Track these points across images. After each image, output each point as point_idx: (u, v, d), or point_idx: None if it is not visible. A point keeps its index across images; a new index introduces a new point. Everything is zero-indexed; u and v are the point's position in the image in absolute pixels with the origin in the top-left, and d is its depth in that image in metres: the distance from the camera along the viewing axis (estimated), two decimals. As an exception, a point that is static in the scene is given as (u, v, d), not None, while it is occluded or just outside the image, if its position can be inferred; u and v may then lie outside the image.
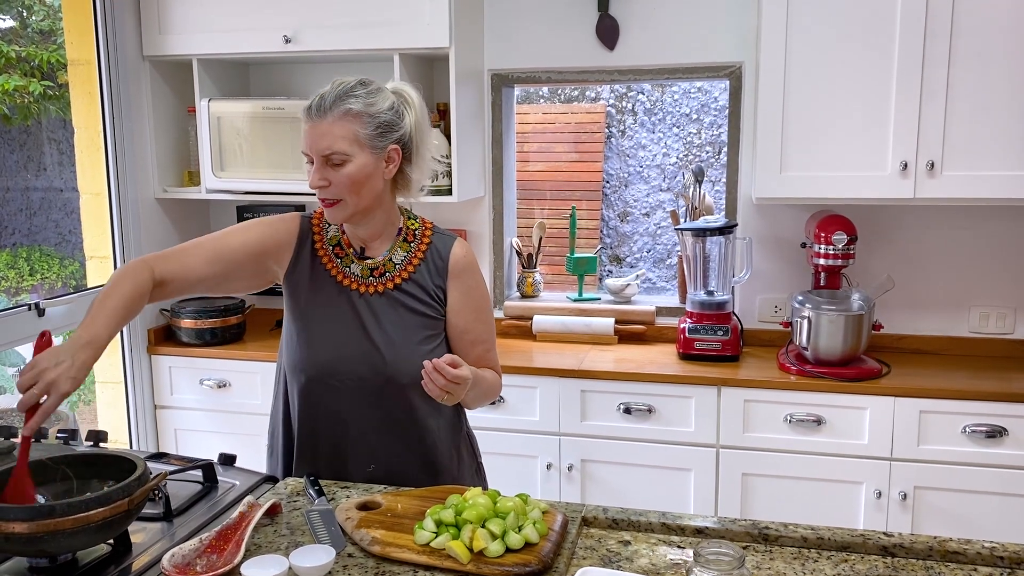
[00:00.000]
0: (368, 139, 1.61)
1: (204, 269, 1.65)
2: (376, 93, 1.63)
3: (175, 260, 1.63)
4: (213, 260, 1.66)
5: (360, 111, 1.60)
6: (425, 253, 1.73)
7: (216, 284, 1.69)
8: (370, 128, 1.61)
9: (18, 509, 1.23)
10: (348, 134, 1.59)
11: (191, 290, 1.67)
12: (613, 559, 1.39)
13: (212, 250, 1.67)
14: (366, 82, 1.64)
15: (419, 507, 1.49)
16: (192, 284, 1.65)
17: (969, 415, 2.51)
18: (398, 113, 1.65)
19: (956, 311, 2.95)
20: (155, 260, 1.61)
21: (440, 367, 1.52)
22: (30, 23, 4.38)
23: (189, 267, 1.63)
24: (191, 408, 3.14)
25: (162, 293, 1.61)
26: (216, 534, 1.37)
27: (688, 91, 5.21)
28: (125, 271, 1.55)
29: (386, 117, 1.62)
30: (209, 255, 1.66)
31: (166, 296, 1.63)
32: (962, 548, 1.38)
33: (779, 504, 2.66)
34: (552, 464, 2.82)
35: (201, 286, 1.67)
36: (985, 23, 2.51)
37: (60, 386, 1.32)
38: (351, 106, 1.60)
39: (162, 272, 1.59)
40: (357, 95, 1.61)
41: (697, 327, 2.86)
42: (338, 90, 1.61)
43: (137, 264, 1.58)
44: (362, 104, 1.60)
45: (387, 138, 1.63)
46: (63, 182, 4.11)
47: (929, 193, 2.62)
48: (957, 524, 2.54)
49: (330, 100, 1.60)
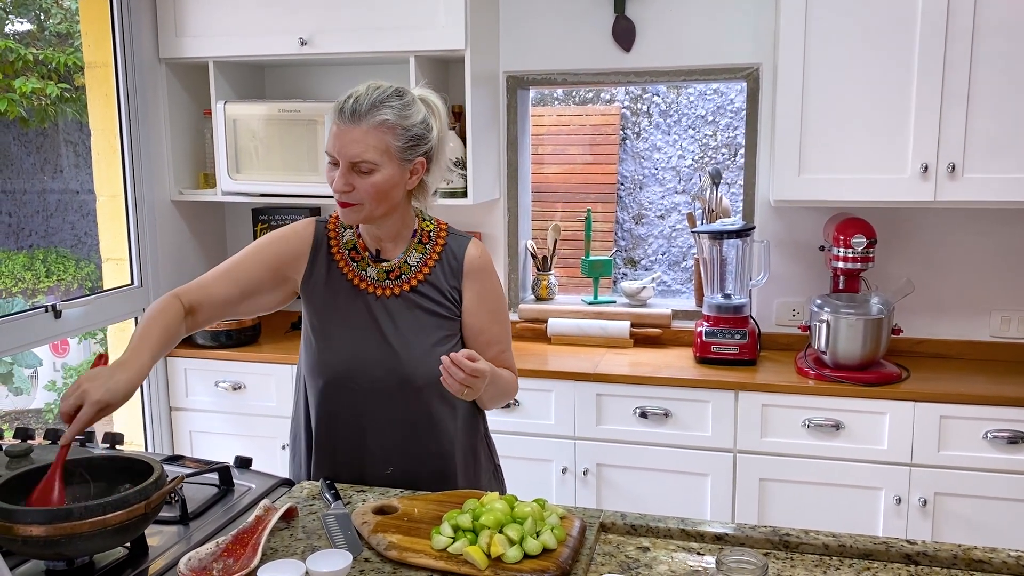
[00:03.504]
0: (398, 151, 1.60)
1: (227, 291, 1.68)
2: (411, 105, 1.62)
3: (198, 288, 1.67)
4: (233, 282, 1.69)
5: (395, 123, 1.59)
6: (440, 254, 1.73)
7: (242, 304, 1.72)
8: (402, 141, 1.60)
9: (36, 512, 1.23)
10: (380, 144, 1.58)
11: (220, 315, 1.71)
12: (632, 566, 1.37)
13: (231, 273, 1.70)
14: (402, 92, 1.63)
15: (436, 512, 1.48)
16: (220, 308, 1.69)
17: (990, 420, 2.48)
18: (428, 127, 1.65)
19: (977, 315, 2.92)
20: (182, 293, 1.66)
21: (458, 361, 1.52)
22: (47, 26, 4.41)
23: (212, 292, 1.67)
24: (206, 410, 3.15)
25: (195, 322, 1.66)
26: (232, 538, 1.37)
27: (704, 93, 5.19)
28: (157, 305, 1.61)
29: (418, 131, 1.62)
30: (229, 278, 1.69)
31: (200, 324, 1.67)
32: (987, 556, 1.36)
33: (797, 510, 2.64)
34: (567, 468, 2.81)
35: (228, 309, 1.71)
36: (1008, 23, 2.48)
37: (91, 394, 1.37)
38: (386, 117, 1.58)
39: (189, 301, 1.64)
40: (393, 106, 1.59)
41: (714, 331, 2.84)
42: (374, 96, 1.59)
43: (166, 298, 1.63)
44: (397, 116, 1.59)
45: (416, 151, 1.63)
46: (79, 184, 4.13)
47: (950, 196, 2.59)
48: (978, 531, 2.51)
49: (365, 107, 1.58)
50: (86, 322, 2.91)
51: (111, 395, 1.38)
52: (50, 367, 4.78)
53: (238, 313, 1.74)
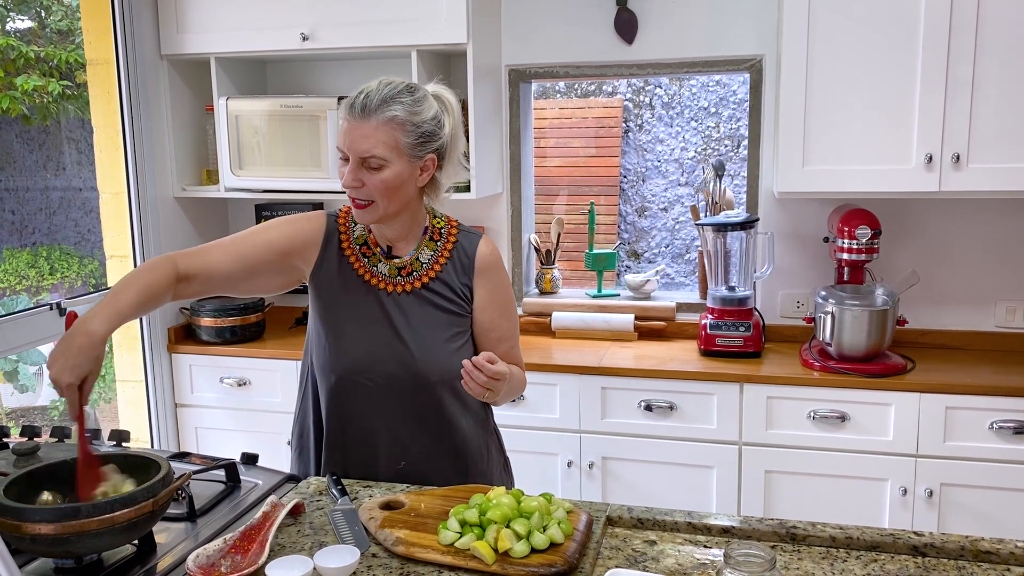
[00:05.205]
0: (408, 148, 1.59)
1: (228, 266, 1.63)
2: (422, 101, 1.61)
3: (199, 256, 1.62)
4: (237, 257, 1.64)
5: (405, 119, 1.58)
6: (451, 251, 1.73)
7: (241, 281, 1.67)
8: (412, 137, 1.59)
9: (44, 510, 1.23)
10: (390, 140, 1.57)
11: (216, 288, 1.66)
12: (639, 559, 1.37)
13: (236, 248, 1.66)
14: (413, 88, 1.62)
15: (442, 507, 1.48)
16: (216, 281, 1.63)
17: (996, 411, 2.47)
18: (440, 123, 1.63)
19: (982, 305, 2.91)
20: (179, 256, 1.60)
21: (480, 364, 1.53)
22: (48, 23, 4.40)
23: (212, 263, 1.62)
24: (211, 406, 3.15)
25: (187, 289, 1.60)
26: (240, 534, 1.37)
27: (706, 84, 5.17)
28: (146, 264, 1.55)
29: (428, 127, 1.61)
30: (233, 252, 1.65)
31: (192, 293, 1.62)
32: (995, 548, 1.36)
33: (803, 502, 2.64)
34: (573, 462, 2.81)
35: (226, 284, 1.66)
36: (1012, 13, 2.46)
37: (61, 380, 1.35)
38: (396, 113, 1.57)
39: (186, 267, 1.58)
40: (404, 102, 1.58)
41: (719, 323, 2.83)
42: (384, 92, 1.58)
43: (160, 259, 1.58)
44: (407, 112, 1.58)
45: (426, 148, 1.62)
46: (82, 181, 4.13)
47: (954, 186, 2.58)
48: (985, 522, 2.51)
49: (376, 102, 1.57)
50: (91, 319, 2.91)
51: (77, 372, 1.34)
52: (55, 364, 4.79)
53: (233, 290, 1.69)
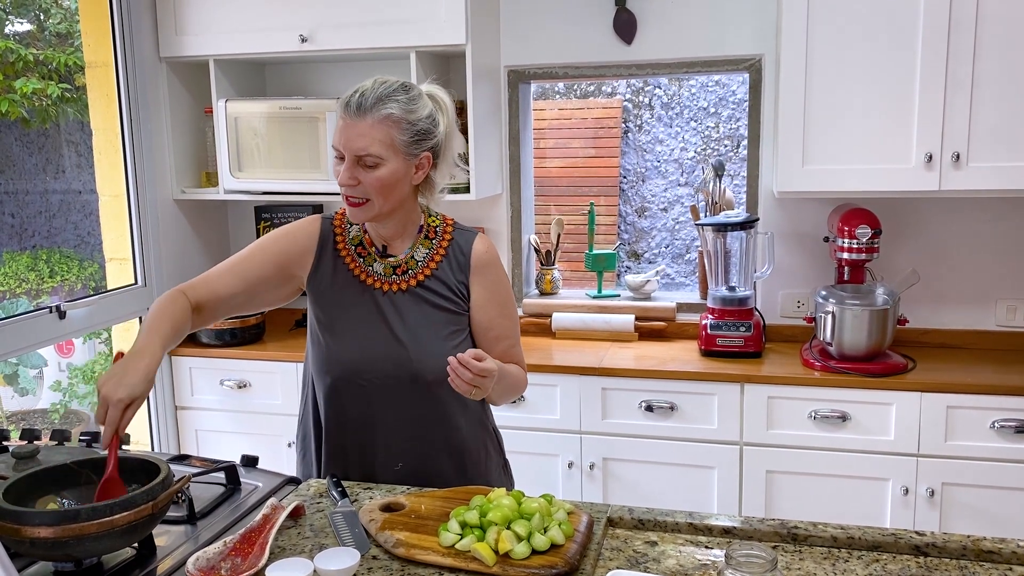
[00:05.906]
0: (404, 145, 1.60)
1: (232, 289, 1.68)
2: (417, 100, 1.62)
3: (203, 286, 1.68)
4: (239, 280, 1.69)
5: (400, 117, 1.59)
6: (447, 249, 1.73)
7: (247, 301, 1.72)
8: (407, 135, 1.60)
9: (43, 514, 1.23)
10: (385, 138, 1.58)
11: (225, 313, 1.71)
12: (640, 560, 1.37)
13: (236, 270, 1.70)
14: (408, 87, 1.63)
15: (443, 508, 1.47)
16: (224, 305, 1.69)
17: (997, 410, 2.47)
18: (435, 121, 1.65)
19: (982, 305, 2.91)
20: (186, 288, 1.66)
21: (465, 361, 1.52)
22: (47, 26, 4.40)
23: (217, 289, 1.68)
24: (212, 409, 3.15)
25: (200, 319, 1.67)
26: (240, 537, 1.37)
27: (705, 84, 5.17)
28: (164, 299, 1.61)
29: (423, 125, 1.62)
30: (234, 274, 1.70)
31: (205, 321, 1.68)
32: (996, 547, 1.35)
33: (804, 502, 2.63)
34: (573, 463, 2.81)
35: (233, 307, 1.71)
36: (1012, 12, 2.46)
37: (112, 395, 1.38)
38: (392, 111, 1.58)
39: (195, 298, 1.65)
40: (399, 100, 1.59)
41: (719, 323, 2.83)
42: (380, 91, 1.59)
43: (173, 293, 1.64)
44: (403, 110, 1.59)
45: (421, 146, 1.63)
46: (82, 184, 4.12)
47: (954, 185, 2.58)
48: (986, 521, 2.50)
49: (371, 101, 1.58)
50: (90, 322, 2.91)
51: (130, 390, 1.39)
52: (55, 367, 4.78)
53: (243, 309, 1.75)
